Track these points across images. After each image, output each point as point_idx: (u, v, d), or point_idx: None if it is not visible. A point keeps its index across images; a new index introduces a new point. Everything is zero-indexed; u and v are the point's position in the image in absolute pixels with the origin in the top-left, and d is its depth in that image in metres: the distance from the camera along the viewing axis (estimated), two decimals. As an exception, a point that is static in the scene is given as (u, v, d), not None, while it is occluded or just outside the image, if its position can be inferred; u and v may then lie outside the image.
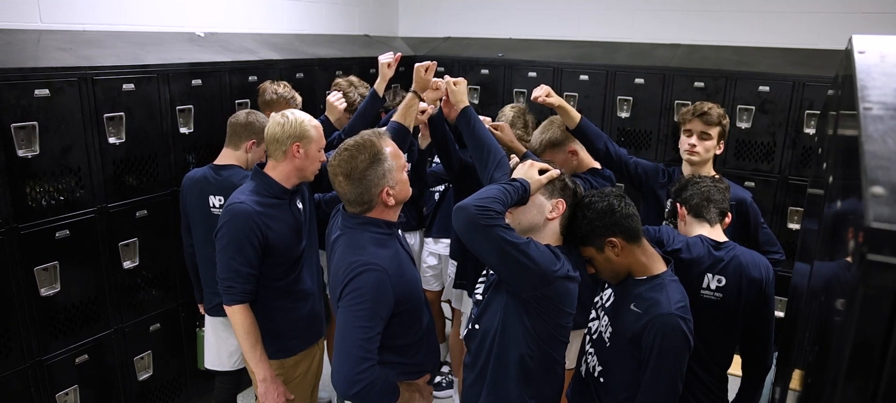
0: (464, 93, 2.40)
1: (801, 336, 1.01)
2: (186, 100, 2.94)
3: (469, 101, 2.36)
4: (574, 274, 1.74)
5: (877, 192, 0.54)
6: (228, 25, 3.56)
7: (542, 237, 1.83)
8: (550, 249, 1.74)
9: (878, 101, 0.71)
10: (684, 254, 2.01)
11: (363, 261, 1.77)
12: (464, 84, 2.44)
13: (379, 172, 1.83)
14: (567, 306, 1.75)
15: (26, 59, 2.39)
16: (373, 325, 1.74)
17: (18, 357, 2.42)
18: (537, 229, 1.85)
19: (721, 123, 2.47)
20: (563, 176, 1.90)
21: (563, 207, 1.84)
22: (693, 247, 2.02)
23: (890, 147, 0.62)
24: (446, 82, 2.44)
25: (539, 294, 1.70)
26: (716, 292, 2.00)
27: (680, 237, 2.08)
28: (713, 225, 2.09)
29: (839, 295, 0.63)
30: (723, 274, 1.99)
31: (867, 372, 0.54)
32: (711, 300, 2.01)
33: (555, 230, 1.85)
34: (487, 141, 2.26)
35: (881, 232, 0.50)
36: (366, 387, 1.72)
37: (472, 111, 2.37)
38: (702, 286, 2.00)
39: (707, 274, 2.00)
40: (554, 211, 1.83)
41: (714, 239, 2.05)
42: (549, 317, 1.74)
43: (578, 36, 4.25)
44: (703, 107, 2.47)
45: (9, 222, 2.33)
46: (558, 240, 1.86)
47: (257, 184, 2.21)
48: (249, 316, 2.19)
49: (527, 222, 1.86)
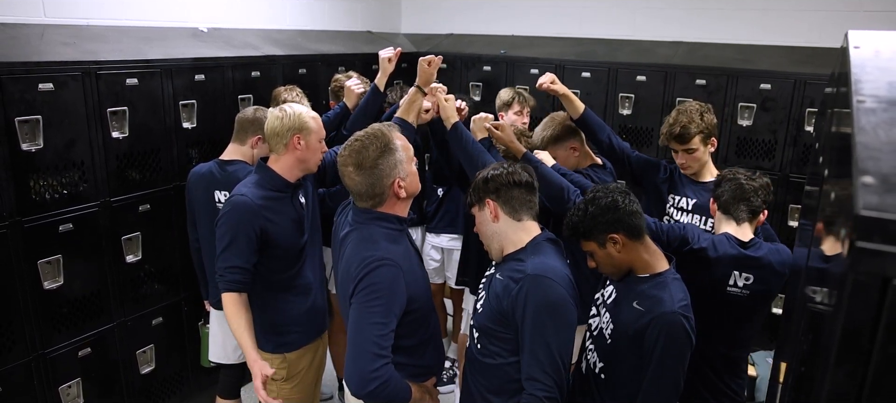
0: (453, 110, 2.43)
1: (795, 326, 1.02)
2: (189, 96, 2.95)
3: (471, 101, 2.38)
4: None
5: (866, 181, 0.55)
6: (231, 21, 3.57)
7: (508, 239, 1.85)
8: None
9: (871, 95, 0.72)
10: (711, 253, 2.04)
11: (378, 256, 1.74)
12: (452, 101, 2.46)
13: (390, 163, 1.82)
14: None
15: (30, 53, 2.41)
16: (387, 322, 1.71)
17: (22, 350, 2.44)
18: (499, 236, 1.87)
19: (701, 131, 2.42)
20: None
21: (492, 205, 1.85)
22: (719, 246, 2.05)
23: (881, 138, 0.63)
24: (440, 97, 2.45)
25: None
26: (743, 289, 2.05)
27: (705, 236, 2.10)
28: (740, 223, 2.10)
29: (831, 284, 0.64)
30: (750, 272, 2.04)
31: (856, 358, 0.55)
32: (739, 295, 2.06)
33: (510, 223, 1.85)
34: (479, 155, 2.32)
35: (870, 220, 0.51)
36: (380, 386, 1.69)
37: (462, 127, 2.41)
38: (729, 283, 2.05)
39: (734, 272, 2.04)
40: (491, 213, 1.85)
41: (740, 237, 2.07)
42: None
43: (580, 33, 4.26)
44: (675, 129, 2.42)
45: (13, 215, 2.34)
46: (525, 234, 1.85)
47: (260, 177, 2.22)
48: (240, 305, 2.14)
49: (488, 236, 1.89)
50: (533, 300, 1.67)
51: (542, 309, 1.67)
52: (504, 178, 1.84)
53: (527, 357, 1.70)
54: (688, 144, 2.42)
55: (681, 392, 1.76)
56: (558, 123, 2.67)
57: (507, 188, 1.83)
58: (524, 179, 1.86)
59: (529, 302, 1.68)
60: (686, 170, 2.52)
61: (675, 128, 2.42)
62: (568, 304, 1.71)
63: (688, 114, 2.43)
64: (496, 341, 1.79)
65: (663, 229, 2.13)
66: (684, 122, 2.41)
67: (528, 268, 1.72)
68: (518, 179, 1.84)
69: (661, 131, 2.51)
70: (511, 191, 1.83)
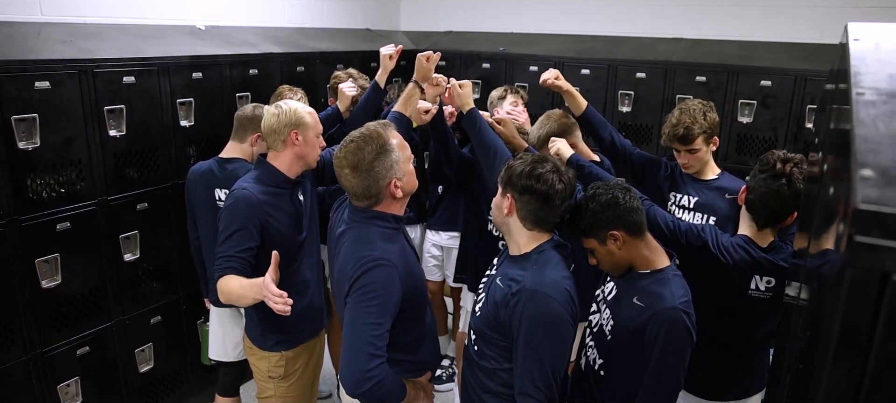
0: (469, 96, 2.42)
1: (794, 323, 1.01)
2: (187, 94, 2.94)
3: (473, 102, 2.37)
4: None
5: (865, 174, 0.54)
6: (229, 18, 3.56)
7: (512, 237, 1.83)
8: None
9: (870, 87, 0.71)
10: (726, 260, 2.03)
11: (374, 256, 1.74)
12: (469, 86, 2.45)
13: (386, 164, 1.81)
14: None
15: (27, 52, 2.40)
16: (383, 322, 1.72)
17: (20, 349, 2.44)
18: (507, 230, 1.84)
19: (704, 131, 2.38)
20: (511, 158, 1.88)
21: (510, 200, 1.79)
22: (734, 253, 2.03)
23: (881, 131, 0.62)
24: (452, 84, 2.45)
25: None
26: (766, 292, 2.05)
27: (725, 238, 2.08)
28: (761, 228, 2.06)
29: (829, 280, 0.63)
30: (771, 276, 2.03)
31: (854, 356, 0.54)
32: (761, 298, 2.06)
33: (520, 228, 1.81)
34: (493, 142, 2.29)
35: (869, 214, 0.50)
36: (375, 386, 1.69)
37: (478, 113, 2.39)
38: (750, 287, 2.05)
39: (755, 277, 2.04)
40: (507, 207, 1.81)
41: (759, 242, 2.05)
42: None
43: (580, 30, 4.24)
44: (678, 130, 2.37)
45: (10, 214, 2.34)
46: (530, 241, 1.81)
47: (260, 173, 2.22)
48: (230, 278, 2.05)
49: (498, 223, 1.87)
50: (529, 316, 1.66)
51: (537, 326, 1.66)
52: (535, 188, 1.75)
53: (520, 370, 1.70)
54: (691, 145, 2.40)
55: (681, 389, 1.75)
56: (554, 120, 2.65)
57: (531, 197, 1.76)
58: (553, 194, 1.76)
59: (525, 318, 1.67)
60: (688, 169, 2.49)
61: (678, 130, 2.38)
62: (564, 321, 1.69)
63: (690, 113, 2.38)
64: (492, 346, 1.79)
65: (682, 230, 2.10)
66: (687, 123, 2.36)
67: (527, 282, 1.70)
68: (545, 192, 1.75)
69: (663, 131, 2.46)
70: (533, 203, 1.77)
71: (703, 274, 2.05)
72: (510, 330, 1.71)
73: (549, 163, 1.80)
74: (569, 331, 1.72)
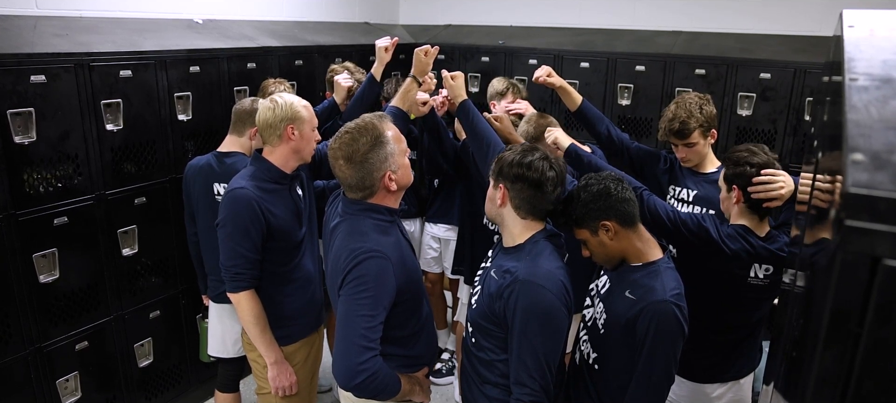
0: (462, 87, 2.41)
1: (790, 312, 1.01)
2: (184, 87, 2.93)
3: (467, 93, 2.36)
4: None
5: (856, 159, 0.54)
6: (227, 12, 3.55)
7: (506, 228, 1.84)
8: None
9: (864, 73, 0.70)
10: (725, 249, 2.03)
11: (366, 248, 1.73)
12: (461, 78, 2.44)
13: (381, 156, 1.80)
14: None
15: (22, 45, 2.39)
16: (376, 314, 1.71)
17: (18, 344, 2.44)
18: (501, 221, 1.85)
19: (701, 124, 2.37)
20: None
21: (503, 190, 1.80)
22: (732, 243, 2.04)
23: (873, 116, 0.61)
24: (444, 77, 2.44)
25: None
26: (764, 279, 2.07)
27: (725, 228, 2.08)
28: (763, 219, 2.07)
29: (820, 266, 0.63)
30: (769, 263, 2.05)
31: (845, 341, 0.53)
32: (760, 285, 2.08)
33: (513, 217, 1.82)
34: (487, 134, 2.27)
35: (859, 198, 0.50)
36: (368, 378, 1.69)
37: (471, 104, 2.38)
38: (749, 275, 2.06)
39: (754, 265, 2.05)
40: (500, 198, 1.82)
41: (757, 232, 2.06)
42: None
43: (579, 23, 4.23)
44: (674, 125, 2.37)
45: (6, 209, 2.34)
46: (524, 231, 1.81)
47: (257, 168, 2.21)
48: (257, 302, 2.19)
49: (492, 214, 1.89)
50: (523, 306, 1.67)
51: (531, 316, 1.66)
52: (526, 176, 1.76)
53: (515, 361, 1.70)
54: (688, 139, 2.39)
55: (672, 382, 1.75)
56: (532, 124, 2.62)
57: (524, 185, 1.77)
58: (545, 181, 1.77)
59: (519, 308, 1.67)
60: (686, 163, 2.49)
61: (674, 124, 2.37)
62: (558, 311, 1.69)
63: (686, 107, 2.37)
64: (489, 338, 1.79)
65: (683, 220, 2.10)
66: (683, 117, 2.35)
67: (520, 273, 1.70)
68: (537, 179, 1.76)
69: (660, 126, 2.45)
70: (526, 191, 1.78)
71: (704, 263, 2.06)
72: (505, 321, 1.72)
73: (538, 151, 1.82)
74: (563, 321, 1.72)
